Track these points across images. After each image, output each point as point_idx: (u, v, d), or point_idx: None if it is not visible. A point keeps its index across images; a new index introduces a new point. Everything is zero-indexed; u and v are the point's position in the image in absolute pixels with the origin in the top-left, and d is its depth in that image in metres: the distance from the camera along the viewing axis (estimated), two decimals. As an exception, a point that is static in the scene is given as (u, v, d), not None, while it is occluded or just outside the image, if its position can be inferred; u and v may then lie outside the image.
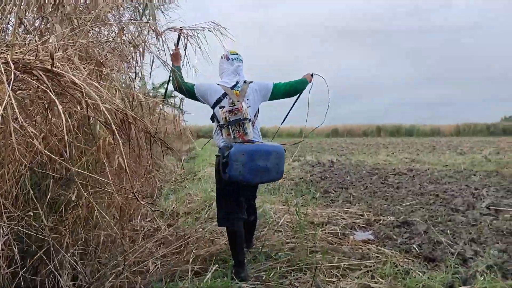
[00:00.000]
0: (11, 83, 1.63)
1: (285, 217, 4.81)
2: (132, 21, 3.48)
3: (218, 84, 3.33)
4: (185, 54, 2.90)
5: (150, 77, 2.98)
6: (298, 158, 14.06)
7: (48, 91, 1.71)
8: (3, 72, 1.62)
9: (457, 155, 15.66)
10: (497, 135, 38.18)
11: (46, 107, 2.03)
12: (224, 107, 3.19)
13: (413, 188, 7.78)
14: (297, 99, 3.80)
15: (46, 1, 2.58)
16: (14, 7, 2.47)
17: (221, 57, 3.48)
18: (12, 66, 1.69)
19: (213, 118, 3.41)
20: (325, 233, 4.59)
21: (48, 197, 2.50)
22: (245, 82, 3.39)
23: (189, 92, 3.40)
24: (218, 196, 3.41)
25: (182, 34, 3.26)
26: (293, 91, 3.70)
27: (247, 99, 3.33)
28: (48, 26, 2.38)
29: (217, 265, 3.17)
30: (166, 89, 3.69)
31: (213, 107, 3.34)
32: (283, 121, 4.00)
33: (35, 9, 2.41)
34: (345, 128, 44.05)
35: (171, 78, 3.37)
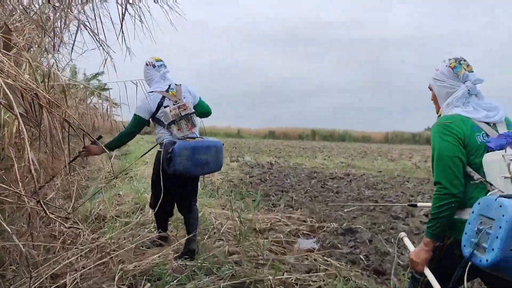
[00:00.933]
0: None
1: (227, 223, 4.42)
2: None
3: (152, 92, 3.54)
4: (122, 26, 2.42)
5: (72, 49, 2.44)
6: (237, 159, 13.72)
7: None
8: None
9: (388, 161, 16.25)
10: (421, 144, 40.66)
11: None
12: (168, 106, 3.46)
13: (352, 193, 7.75)
14: None
15: None
16: None
17: (147, 64, 3.68)
18: None
19: (155, 121, 3.59)
20: (269, 241, 4.28)
21: None
22: (176, 84, 3.68)
23: (140, 125, 3.56)
24: (154, 186, 3.70)
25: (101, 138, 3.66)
26: (206, 113, 3.96)
27: (184, 97, 3.62)
28: None
29: (149, 284, 2.70)
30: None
31: (156, 111, 3.49)
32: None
33: None
34: (281, 131, 44.54)
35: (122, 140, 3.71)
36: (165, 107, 3.48)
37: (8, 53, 1.47)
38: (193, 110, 3.55)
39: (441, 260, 1.89)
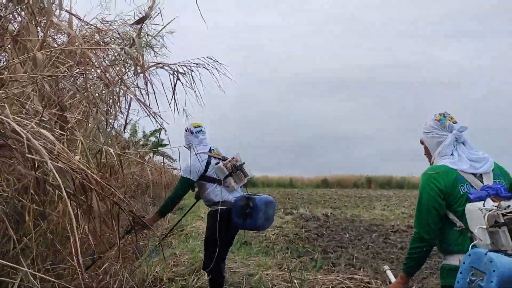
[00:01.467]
0: None
1: (285, 288, 4.15)
2: (116, 62, 3.01)
3: (197, 153, 3.62)
4: (174, 94, 2.44)
5: (125, 124, 2.47)
6: (291, 211, 13.39)
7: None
8: None
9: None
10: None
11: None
12: (219, 162, 3.61)
13: (418, 249, 7.16)
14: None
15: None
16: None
17: (186, 130, 3.77)
18: None
19: (206, 179, 3.63)
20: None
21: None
22: (215, 147, 3.85)
23: (188, 187, 3.65)
24: (211, 244, 3.61)
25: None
26: None
27: None
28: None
29: None
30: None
31: (205, 170, 3.58)
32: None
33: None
34: (335, 179, 43.44)
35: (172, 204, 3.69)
36: (216, 163, 3.62)
37: (62, 132, 1.46)
38: (243, 161, 3.71)
39: None
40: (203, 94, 2.82)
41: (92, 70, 1.93)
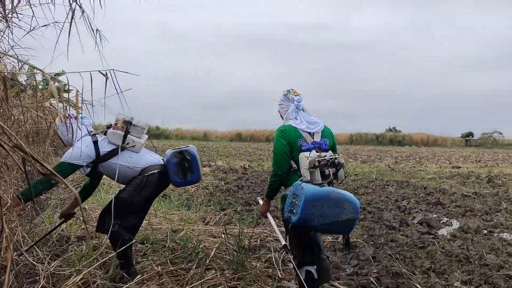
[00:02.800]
0: None
1: (217, 247, 3.82)
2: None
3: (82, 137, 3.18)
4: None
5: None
6: (208, 164, 13.06)
7: None
8: None
9: (361, 163, 16.05)
10: (385, 144, 41.15)
11: None
12: (107, 131, 3.18)
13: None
14: None
15: None
16: None
17: (67, 117, 3.22)
18: None
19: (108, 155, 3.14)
20: (262, 261, 3.76)
21: None
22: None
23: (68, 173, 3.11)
24: (135, 206, 3.16)
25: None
26: None
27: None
28: None
29: None
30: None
31: (97, 150, 3.10)
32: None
33: None
34: (248, 133, 43.93)
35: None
36: (106, 133, 3.17)
37: None
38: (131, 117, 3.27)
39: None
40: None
41: None
